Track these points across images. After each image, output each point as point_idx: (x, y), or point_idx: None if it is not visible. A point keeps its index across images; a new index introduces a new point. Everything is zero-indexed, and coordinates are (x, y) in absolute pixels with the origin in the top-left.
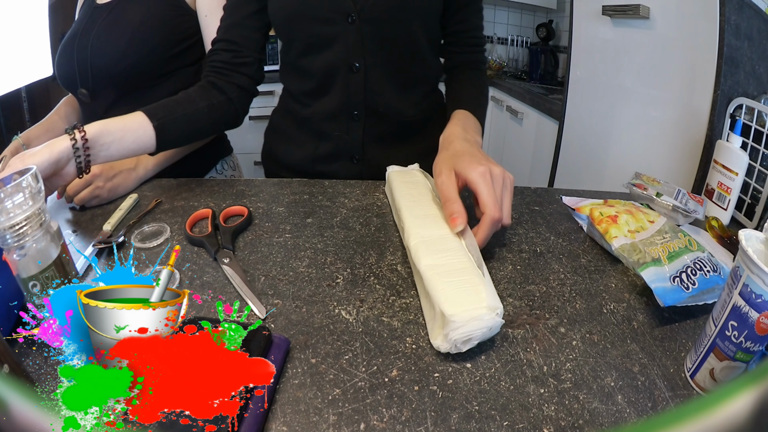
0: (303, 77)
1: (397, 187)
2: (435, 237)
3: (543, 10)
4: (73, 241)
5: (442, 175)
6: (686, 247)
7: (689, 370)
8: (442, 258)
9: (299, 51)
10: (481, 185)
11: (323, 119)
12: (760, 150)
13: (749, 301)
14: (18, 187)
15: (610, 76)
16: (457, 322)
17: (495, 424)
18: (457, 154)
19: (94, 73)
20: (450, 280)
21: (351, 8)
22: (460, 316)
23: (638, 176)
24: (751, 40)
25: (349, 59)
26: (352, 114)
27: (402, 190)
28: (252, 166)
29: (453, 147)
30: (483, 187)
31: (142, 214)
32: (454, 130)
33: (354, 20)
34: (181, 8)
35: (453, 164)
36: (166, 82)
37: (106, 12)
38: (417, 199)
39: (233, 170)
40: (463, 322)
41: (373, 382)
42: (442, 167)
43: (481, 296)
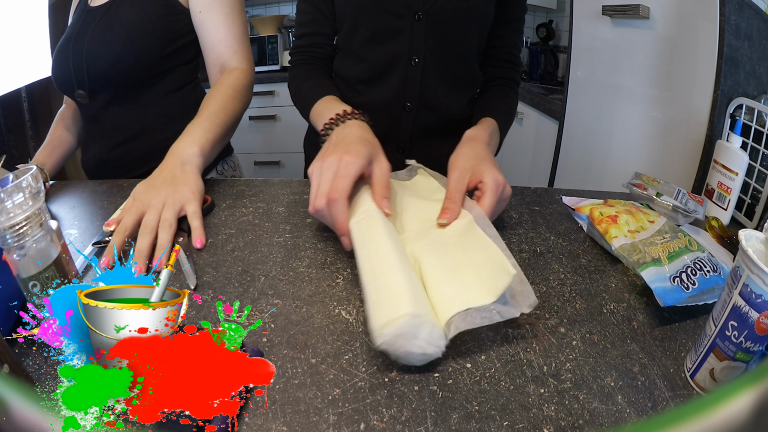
0: (361, 65)
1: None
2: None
3: (543, 10)
4: (73, 241)
5: (457, 172)
6: (686, 247)
7: (689, 370)
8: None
9: (363, 39)
10: (491, 194)
11: (376, 107)
12: (760, 150)
13: (749, 301)
14: (18, 187)
15: (610, 76)
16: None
17: (495, 424)
18: (479, 156)
19: (90, 76)
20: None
21: (420, 7)
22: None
23: (638, 176)
24: (751, 40)
25: (411, 53)
26: (405, 105)
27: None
28: (252, 166)
29: (478, 148)
30: (491, 197)
31: None
32: (482, 134)
33: (421, 18)
34: (175, 7)
35: (473, 165)
36: (162, 81)
37: (100, 14)
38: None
39: (233, 170)
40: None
41: (373, 382)
42: (459, 163)
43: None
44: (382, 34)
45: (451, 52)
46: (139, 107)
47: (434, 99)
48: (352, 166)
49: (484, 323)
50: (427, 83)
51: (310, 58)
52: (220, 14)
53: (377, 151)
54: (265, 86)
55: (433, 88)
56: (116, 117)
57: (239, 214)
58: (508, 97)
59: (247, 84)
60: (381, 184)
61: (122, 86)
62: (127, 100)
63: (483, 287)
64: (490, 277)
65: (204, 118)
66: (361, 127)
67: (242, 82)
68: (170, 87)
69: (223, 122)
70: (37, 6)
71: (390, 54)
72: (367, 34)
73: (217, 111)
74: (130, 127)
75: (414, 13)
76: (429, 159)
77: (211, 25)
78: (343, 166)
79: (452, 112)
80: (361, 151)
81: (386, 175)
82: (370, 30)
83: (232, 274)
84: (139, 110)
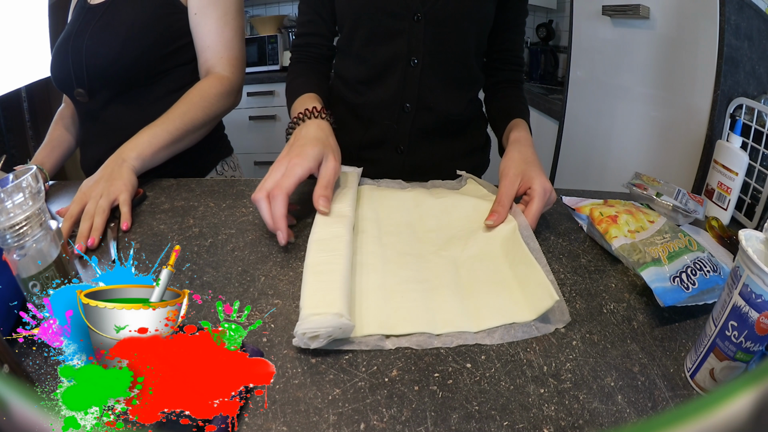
0: (361, 66)
1: None
2: (330, 236)
3: (543, 10)
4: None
5: (508, 178)
6: (686, 247)
7: (689, 370)
8: (325, 257)
9: (363, 40)
10: (539, 200)
11: (375, 108)
12: (760, 150)
13: (749, 301)
14: (18, 187)
15: (610, 76)
16: (303, 317)
17: (495, 424)
18: (528, 161)
19: (89, 74)
20: (320, 279)
21: (419, 8)
22: (305, 312)
23: (638, 176)
24: (751, 40)
25: (410, 54)
26: (404, 106)
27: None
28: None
29: (526, 152)
30: (539, 203)
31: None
32: (526, 137)
33: (419, 19)
34: (175, 6)
35: (523, 170)
36: (162, 80)
37: (100, 13)
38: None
39: (233, 170)
40: (306, 317)
41: (373, 382)
42: (511, 169)
43: (336, 303)
44: (382, 35)
45: (450, 53)
46: (138, 107)
47: (433, 100)
48: (298, 168)
49: (524, 337)
50: (426, 84)
51: (305, 57)
52: (213, 18)
53: (328, 152)
54: (264, 86)
55: (432, 88)
56: (115, 117)
57: (239, 214)
58: (523, 98)
59: (221, 91)
60: (321, 184)
61: (122, 85)
62: (127, 99)
63: (527, 304)
64: (534, 297)
65: (158, 123)
66: (319, 127)
67: (215, 89)
68: (170, 87)
69: (176, 129)
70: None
71: (389, 55)
72: (367, 35)
73: (173, 117)
74: (130, 128)
75: (413, 14)
76: (427, 160)
77: (203, 29)
78: (290, 167)
79: (451, 113)
80: (310, 154)
81: (329, 174)
82: (370, 31)
83: (232, 274)
84: (139, 110)
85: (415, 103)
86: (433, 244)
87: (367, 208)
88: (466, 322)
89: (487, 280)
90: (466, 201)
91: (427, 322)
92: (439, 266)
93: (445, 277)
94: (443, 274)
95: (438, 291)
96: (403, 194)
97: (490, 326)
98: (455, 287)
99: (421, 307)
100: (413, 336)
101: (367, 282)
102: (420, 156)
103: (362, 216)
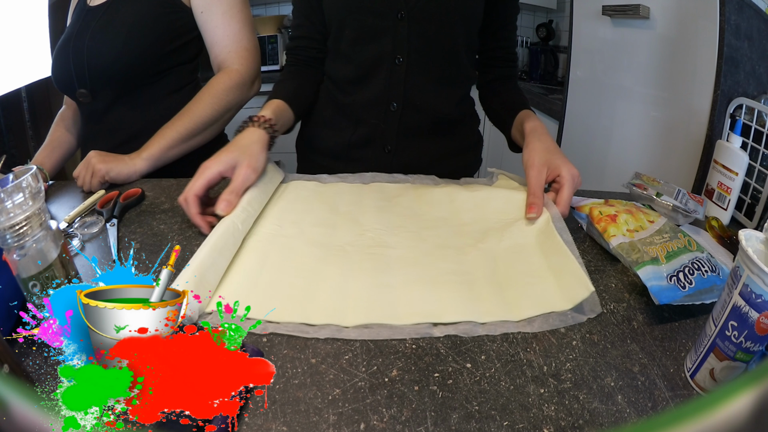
0: (348, 65)
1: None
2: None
3: (543, 10)
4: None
5: (535, 169)
6: (685, 247)
7: (689, 370)
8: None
9: (349, 40)
10: (569, 186)
11: (362, 107)
12: (760, 150)
13: (749, 301)
14: (18, 187)
15: (610, 76)
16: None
17: (495, 424)
18: (550, 150)
19: (91, 74)
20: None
21: (402, 6)
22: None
23: (638, 176)
24: (751, 40)
25: (394, 52)
26: (390, 104)
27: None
28: None
29: (546, 141)
30: (569, 189)
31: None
32: (541, 125)
33: (403, 17)
34: (175, 5)
35: (547, 159)
36: (163, 80)
37: (100, 13)
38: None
39: None
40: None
41: (373, 382)
42: (535, 160)
43: (207, 278)
44: (367, 34)
45: (437, 51)
46: (139, 108)
47: (420, 98)
48: (207, 171)
49: (561, 326)
50: (413, 82)
51: (294, 60)
52: (218, 14)
53: (242, 159)
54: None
55: (419, 87)
56: (116, 117)
57: None
58: (521, 91)
59: (230, 85)
60: (227, 189)
61: (123, 84)
62: (128, 100)
63: (562, 295)
64: (569, 287)
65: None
66: (250, 135)
67: (224, 84)
68: (170, 87)
69: (184, 127)
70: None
71: (375, 54)
72: (353, 35)
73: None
74: (130, 128)
75: (396, 12)
76: (416, 160)
77: (210, 26)
78: (201, 171)
79: (441, 111)
80: (223, 159)
81: (237, 181)
82: (355, 30)
83: None
84: (140, 111)
85: (401, 102)
86: (471, 237)
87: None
88: (507, 312)
89: (525, 271)
90: (499, 193)
91: (471, 311)
92: (478, 258)
93: (485, 268)
94: (482, 266)
95: (478, 282)
96: (437, 190)
97: (529, 315)
98: (494, 278)
99: (465, 297)
100: (460, 324)
101: (408, 274)
102: (408, 155)
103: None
